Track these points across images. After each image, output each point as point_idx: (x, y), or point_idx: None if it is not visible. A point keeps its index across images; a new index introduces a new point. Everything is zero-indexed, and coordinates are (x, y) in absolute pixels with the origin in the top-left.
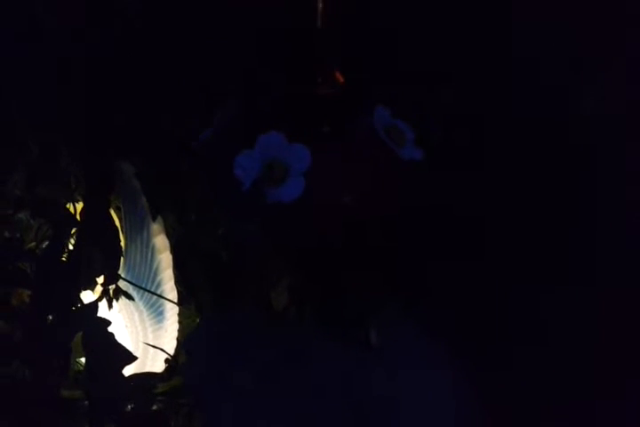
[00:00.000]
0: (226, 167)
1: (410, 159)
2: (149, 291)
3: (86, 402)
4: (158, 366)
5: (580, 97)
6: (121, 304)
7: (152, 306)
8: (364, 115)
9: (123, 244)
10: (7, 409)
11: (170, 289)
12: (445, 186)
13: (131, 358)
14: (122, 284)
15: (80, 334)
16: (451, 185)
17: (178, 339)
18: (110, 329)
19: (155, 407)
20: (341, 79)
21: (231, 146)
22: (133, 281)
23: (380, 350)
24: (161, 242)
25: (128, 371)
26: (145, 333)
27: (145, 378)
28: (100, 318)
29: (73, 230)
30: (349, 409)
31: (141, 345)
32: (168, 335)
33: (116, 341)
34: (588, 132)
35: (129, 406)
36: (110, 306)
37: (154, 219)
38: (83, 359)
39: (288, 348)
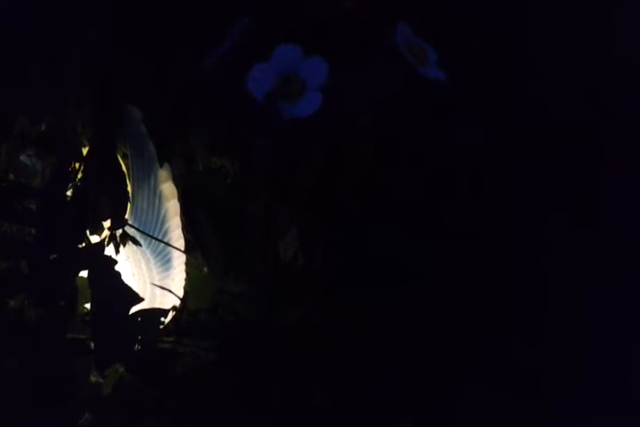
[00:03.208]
0: (239, 83)
1: (433, 79)
2: (156, 238)
3: (92, 342)
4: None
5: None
6: (128, 252)
7: (159, 254)
8: (386, 32)
9: (130, 190)
10: (14, 348)
11: (177, 237)
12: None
13: (137, 298)
14: (129, 231)
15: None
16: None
17: (184, 288)
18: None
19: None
20: None
21: (245, 60)
22: (140, 228)
23: None
24: (169, 189)
25: None
26: (152, 281)
27: (151, 314)
28: (107, 256)
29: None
30: None
31: (148, 293)
32: (175, 284)
33: (122, 281)
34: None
35: (136, 346)
36: (117, 251)
37: (161, 165)
38: (88, 305)
39: None
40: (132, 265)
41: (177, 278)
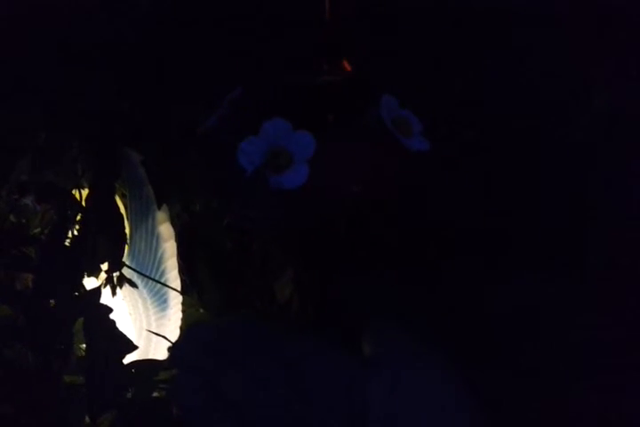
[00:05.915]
0: (230, 153)
1: (417, 150)
2: (153, 279)
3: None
4: (161, 354)
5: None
6: (125, 292)
7: (156, 294)
8: (371, 104)
9: (127, 231)
10: (9, 394)
11: (174, 278)
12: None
13: (131, 347)
14: (126, 271)
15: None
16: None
17: (181, 328)
18: (113, 317)
19: (156, 395)
20: (349, 67)
21: (236, 132)
22: (137, 269)
23: (378, 359)
24: (166, 230)
25: (130, 359)
26: (148, 321)
27: (146, 365)
28: (102, 304)
29: (78, 217)
30: (346, 421)
31: (144, 333)
32: (171, 324)
33: (117, 329)
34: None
35: (129, 394)
36: (114, 293)
37: (159, 207)
38: (84, 346)
39: (283, 357)
40: (128, 305)
41: (173, 318)
